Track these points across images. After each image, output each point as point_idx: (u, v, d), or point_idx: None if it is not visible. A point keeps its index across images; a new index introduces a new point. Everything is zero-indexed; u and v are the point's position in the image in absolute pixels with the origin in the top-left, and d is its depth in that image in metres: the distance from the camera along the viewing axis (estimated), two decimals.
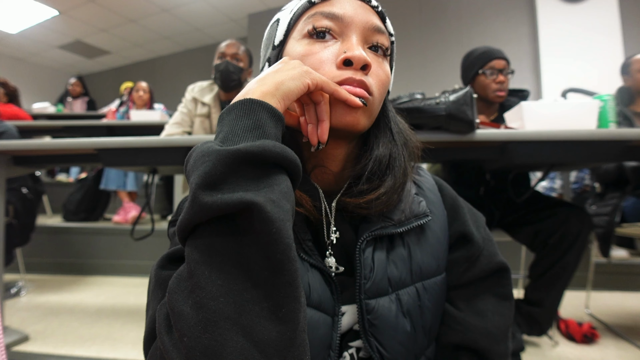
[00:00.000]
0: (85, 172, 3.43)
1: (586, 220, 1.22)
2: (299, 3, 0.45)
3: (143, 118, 2.60)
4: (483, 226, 0.49)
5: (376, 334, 0.40)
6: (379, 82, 0.42)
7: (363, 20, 0.42)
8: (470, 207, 0.51)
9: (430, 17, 4.06)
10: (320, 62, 0.40)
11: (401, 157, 0.44)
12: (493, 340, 0.43)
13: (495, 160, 1.17)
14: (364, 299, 0.40)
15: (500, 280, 0.46)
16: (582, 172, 2.38)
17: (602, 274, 2.00)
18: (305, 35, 0.43)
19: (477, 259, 0.46)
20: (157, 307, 0.31)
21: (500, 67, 1.38)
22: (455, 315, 0.44)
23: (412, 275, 0.43)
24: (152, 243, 2.28)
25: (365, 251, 0.41)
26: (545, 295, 1.24)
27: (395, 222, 0.43)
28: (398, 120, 0.48)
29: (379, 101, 0.43)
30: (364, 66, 0.40)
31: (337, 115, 0.40)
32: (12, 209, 1.71)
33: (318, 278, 0.41)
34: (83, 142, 1.18)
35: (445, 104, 0.98)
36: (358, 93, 0.39)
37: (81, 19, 4.79)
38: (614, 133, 1.01)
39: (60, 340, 1.42)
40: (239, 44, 1.55)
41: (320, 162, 0.45)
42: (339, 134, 0.42)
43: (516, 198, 1.31)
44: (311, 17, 0.42)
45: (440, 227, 0.47)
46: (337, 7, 0.42)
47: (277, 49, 0.46)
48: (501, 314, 0.45)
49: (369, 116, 0.41)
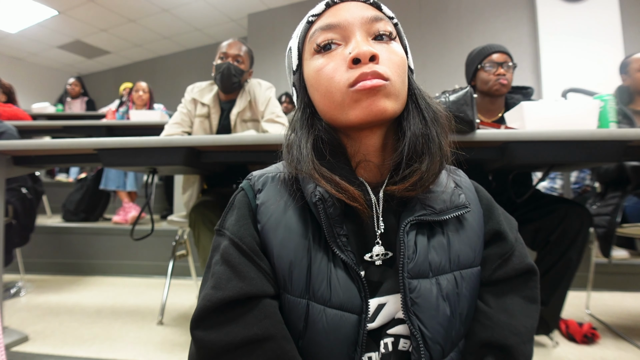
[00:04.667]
0: (84, 172, 3.42)
1: (586, 217, 1.22)
2: (301, 26, 0.49)
3: (143, 118, 2.60)
4: (515, 229, 0.51)
5: (418, 312, 0.41)
6: (393, 65, 0.43)
7: (359, 17, 0.44)
8: (504, 211, 0.52)
9: (431, 17, 4.07)
10: (333, 72, 0.43)
11: (433, 133, 0.45)
12: (521, 340, 0.43)
13: (495, 161, 1.17)
14: (407, 278, 0.41)
15: (529, 283, 0.47)
16: (583, 172, 2.38)
17: (603, 274, 2.00)
18: (313, 53, 0.46)
19: (509, 258, 0.47)
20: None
21: (499, 61, 1.37)
22: (485, 310, 0.45)
23: (451, 263, 0.44)
24: (152, 243, 2.28)
25: (408, 234, 0.43)
26: (551, 293, 1.24)
27: (437, 211, 0.44)
28: (425, 96, 0.49)
29: (401, 82, 0.44)
30: (372, 57, 0.41)
31: (362, 107, 0.42)
32: (12, 209, 1.70)
33: (343, 276, 0.42)
34: (83, 142, 1.17)
35: (445, 104, 0.98)
36: (375, 84, 0.41)
37: (81, 19, 4.79)
38: (614, 133, 1.00)
39: (60, 341, 1.41)
40: (241, 44, 1.54)
41: (362, 157, 0.47)
42: (372, 124, 0.44)
43: (516, 198, 1.31)
44: (313, 35, 0.46)
45: (478, 222, 0.48)
46: (332, 17, 0.45)
47: (297, 73, 0.50)
48: (528, 316, 0.45)
49: (395, 99, 0.43)
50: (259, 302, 0.41)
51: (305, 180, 0.45)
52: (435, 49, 4.00)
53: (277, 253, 0.43)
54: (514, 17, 3.75)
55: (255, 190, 0.48)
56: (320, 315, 0.41)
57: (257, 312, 0.41)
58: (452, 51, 3.85)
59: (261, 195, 0.47)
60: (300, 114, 0.49)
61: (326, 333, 0.40)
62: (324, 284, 0.41)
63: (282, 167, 0.50)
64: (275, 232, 0.44)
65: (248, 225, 0.45)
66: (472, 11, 3.92)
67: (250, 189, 0.49)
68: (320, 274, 0.42)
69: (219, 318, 0.40)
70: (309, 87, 0.48)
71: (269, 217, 0.45)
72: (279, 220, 0.45)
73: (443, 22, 4.02)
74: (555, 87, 3.43)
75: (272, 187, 0.48)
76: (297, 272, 0.42)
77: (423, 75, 3.98)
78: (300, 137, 0.47)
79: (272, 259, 0.44)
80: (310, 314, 0.41)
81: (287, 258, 0.43)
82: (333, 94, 0.43)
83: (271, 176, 0.50)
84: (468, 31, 3.90)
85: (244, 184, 0.50)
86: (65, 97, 4.12)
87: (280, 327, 0.41)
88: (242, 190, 0.49)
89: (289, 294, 0.42)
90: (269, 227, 0.44)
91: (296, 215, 0.45)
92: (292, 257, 0.42)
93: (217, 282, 0.42)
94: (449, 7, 4.00)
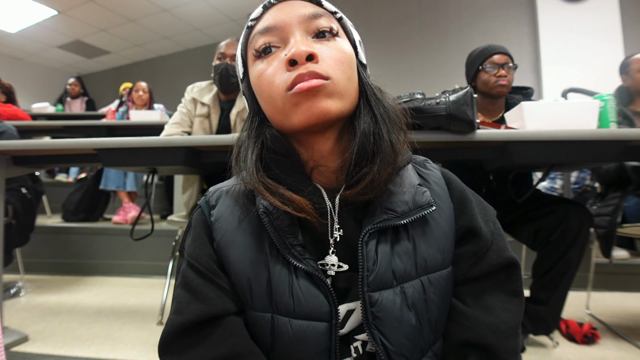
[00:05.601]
0: (84, 172, 3.42)
1: (586, 216, 1.22)
2: (243, 33, 0.47)
3: (143, 118, 2.60)
4: (493, 220, 0.48)
5: (380, 326, 0.39)
6: (335, 62, 0.41)
7: (296, 16, 0.42)
8: (480, 201, 0.50)
9: (431, 17, 4.06)
10: (272, 76, 0.41)
11: (383, 131, 0.43)
12: (502, 337, 0.42)
13: (495, 160, 1.16)
14: (367, 292, 0.40)
15: (510, 276, 0.45)
16: (583, 172, 2.38)
17: (603, 274, 2.00)
18: (254, 59, 0.44)
19: (485, 254, 0.45)
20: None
21: (500, 62, 1.37)
22: (463, 310, 0.43)
23: (417, 268, 0.42)
24: (152, 243, 2.28)
25: (368, 244, 0.41)
26: (551, 293, 1.24)
27: (398, 214, 0.42)
28: (376, 91, 0.46)
29: (345, 79, 0.41)
30: (310, 57, 0.39)
31: (303, 110, 0.40)
32: (12, 209, 1.70)
33: (307, 285, 0.41)
34: (82, 142, 1.17)
35: (445, 104, 0.98)
36: (313, 85, 0.38)
37: (81, 19, 4.79)
38: (614, 133, 1.00)
39: (60, 341, 1.41)
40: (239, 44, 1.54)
41: (315, 162, 0.45)
42: (319, 128, 0.42)
43: (516, 198, 1.31)
44: (252, 40, 0.45)
45: (446, 221, 0.46)
46: (268, 19, 0.43)
47: (244, 80, 0.49)
48: (510, 310, 0.43)
49: (339, 98, 0.41)
50: (222, 320, 0.41)
51: (255, 192, 0.44)
52: (435, 49, 3.99)
53: (234, 270, 0.43)
54: (514, 17, 3.75)
55: (210, 206, 0.47)
56: (286, 328, 0.40)
57: (221, 331, 0.40)
58: (452, 51, 3.85)
59: (215, 211, 0.46)
60: (249, 123, 0.48)
61: (295, 344, 0.40)
62: (285, 296, 0.40)
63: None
64: (231, 249, 0.43)
65: (204, 245, 0.44)
66: (472, 11, 3.92)
67: (206, 205, 0.48)
68: (281, 286, 0.41)
69: (185, 342, 0.40)
70: (255, 93, 0.46)
71: (223, 234, 0.44)
72: (233, 236, 0.44)
73: (443, 22, 4.01)
74: (555, 87, 3.43)
75: (225, 201, 0.47)
76: (256, 288, 0.41)
77: (423, 75, 3.98)
78: (247, 147, 0.45)
79: (230, 276, 0.43)
80: (275, 327, 0.40)
81: (245, 275, 0.42)
82: (274, 99, 0.41)
83: (225, 190, 0.49)
84: (468, 31, 3.90)
85: (201, 201, 0.49)
86: (65, 97, 4.12)
87: (247, 342, 0.41)
88: (199, 207, 0.48)
89: (252, 310, 0.42)
90: (223, 244, 0.44)
91: (250, 229, 0.44)
92: (250, 274, 0.42)
93: (178, 306, 0.42)
94: (449, 7, 4.00)
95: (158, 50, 6.10)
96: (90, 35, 5.33)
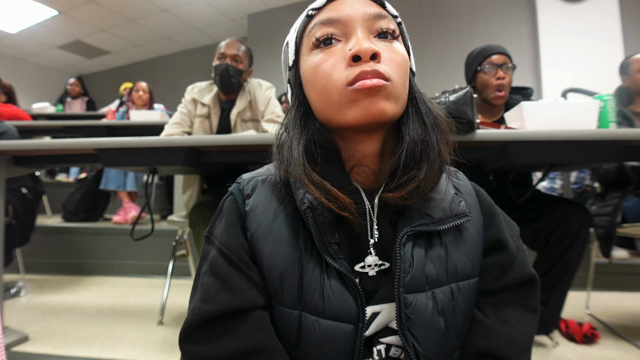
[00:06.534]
0: (85, 172, 3.42)
1: (586, 216, 1.22)
2: (300, 20, 0.46)
3: (143, 118, 2.60)
4: (517, 236, 0.49)
5: (412, 328, 0.40)
6: (395, 65, 0.41)
7: (361, 13, 0.42)
8: (506, 216, 0.51)
9: (430, 17, 4.06)
10: (332, 69, 0.41)
11: (433, 139, 0.43)
12: (517, 350, 0.42)
13: (495, 161, 1.17)
14: (403, 293, 0.40)
15: (529, 292, 0.46)
16: (583, 172, 2.38)
17: (603, 274, 2.00)
18: (312, 48, 0.43)
19: (509, 267, 0.45)
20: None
21: (499, 62, 1.37)
22: (482, 321, 0.44)
23: (448, 275, 0.43)
24: (152, 243, 2.28)
25: (405, 246, 0.41)
26: (551, 293, 1.24)
27: (435, 220, 0.43)
28: (426, 100, 0.47)
29: (402, 84, 0.42)
30: (374, 55, 0.39)
31: (360, 108, 0.39)
32: (12, 209, 1.71)
33: (337, 286, 0.41)
34: (83, 142, 1.17)
35: (445, 104, 0.98)
36: (375, 84, 0.38)
37: (81, 19, 4.79)
38: (614, 133, 1.00)
39: (60, 341, 1.41)
40: (239, 44, 1.54)
41: (358, 161, 0.45)
42: (370, 127, 0.42)
43: (516, 198, 1.31)
44: (312, 29, 0.44)
45: (477, 231, 0.46)
46: (333, 11, 0.43)
47: (293, 69, 0.47)
48: (527, 325, 0.44)
49: (395, 102, 0.41)
50: (250, 314, 0.40)
51: (296, 185, 0.43)
52: (435, 49, 3.99)
53: (267, 263, 0.42)
54: (514, 17, 3.75)
55: (244, 194, 0.46)
56: (314, 327, 0.40)
57: (247, 325, 0.40)
58: (452, 51, 3.85)
59: (250, 201, 0.45)
60: (294, 113, 0.47)
61: (320, 344, 0.39)
62: (316, 295, 0.40)
63: (274, 168, 0.47)
64: (265, 241, 0.42)
65: (237, 234, 0.44)
66: (472, 11, 3.92)
67: (240, 193, 0.47)
68: (312, 285, 0.40)
69: (209, 332, 0.40)
70: (305, 84, 0.45)
71: (258, 225, 0.43)
72: (268, 228, 0.43)
73: (443, 22, 4.02)
74: (555, 87, 3.43)
75: (262, 191, 0.46)
76: (288, 284, 0.41)
77: (423, 75, 3.98)
78: (292, 137, 0.44)
79: (262, 269, 0.42)
80: (302, 325, 0.40)
81: (278, 269, 0.41)
82: (330, 92, 0.41)
83: (261, 179, 0.47)
84: (468, 31, 3.90)
85: (233, 188, 0.48)
86: (65, 97, 4.12)
87: (272, 339, 0.40)
88: (231, 194, 0.47)
89: (280, 305, 0.41)
90: (258, 236, 0.43)
91: (287, 223, 0.43)
92: (283, 268, 0.41)
93: (206, 294, 0.41)
94: (449, 7, 4.00)
95: (158, 50, 6.10)
96: (91, 35, 5.33)
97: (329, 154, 0.44)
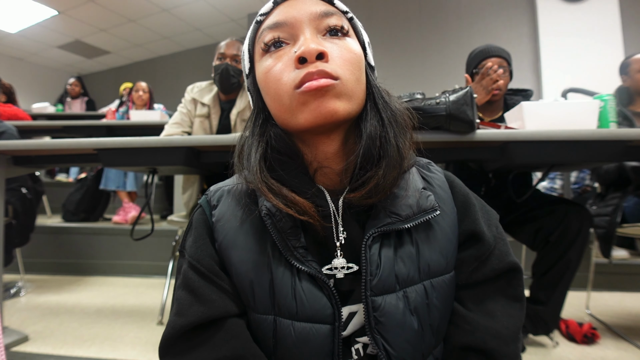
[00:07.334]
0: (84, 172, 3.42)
1: (586, 217, 1.22)
2: (251, 28, 0.47)
3: (143, 118, 2.61)
4: (495, 224, 0.48)
5: (382, 331, 0.39)
6: (345, 62, 0.41)
7: (307, 13, 0.42)
8: (483, 205, 0.49)
9: (430, 17, 4.06)
10: (280, 73, 0.41)
11: (390, 134, 0.43)
12: (502, 342, 0.41)
13: (495, 160, 1.17)
14: (370, 296, 0.40)
15: (511, 281, 0.45)
16: (583, 172, 2.38)
17: (603, 274, 2.00)
18: (262, 54, 0.43)
19: (487, 259, 0.45)
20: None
21: None
22: (464, 314, 0.43)
23: (420, 272, 0.42)
24: (152, 243, 2.28)
25: (371, 248, 0.41)
26: (551, 293, 1.24)
27: (402, 218, 0.42)
28: (384, 94, 0.46)
29: (354, 81, 0.41)
30: (320, 55, 0.39)
31: (310, 110, 0.39)
32: (12, 209, 1.70)
33: (309, 288, 0.40)
34: (83, 142, 1.17)
35: (445, 104, 0.98)
36: (322, 84, 0.38)
37: (81, 19, 4.79)
38: (614, 133, 1.00)
39: (60, 341, 1.41)
40: (239, 44, 1.54)
41: (318, 164, 0.44)
42: (325, 128, 0.41)
43: (516, 198, 1.31)
44: (261, 34, 0.44)
45: (450, 225, 0.46)
46: (279, 15, 0.43)
47: (250, 76, 0.48)
48: (511, 315, 0.43)
49: (347, 100, 0.40)
50: (224, 323, 0.41)
51: (258, 193, 0.43)
52: (435, 49, 3.99)
53: (236, 272, 0.42)
54: (514, 17, 3.76)
55: (211, 206, 0.47)
56: (289, 330, 0.39)
57: (223, 334, 0.40)
58: (452, 51, 3.85)
59: (216, 212, 0.46)
60: (254, 120, 0.47)
61: (297, 347, 0.39)
62: (288, 298, 0.40)
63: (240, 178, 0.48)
64: (232, 251, 0.43)
65: (205, 246, 0.44)
66: (472, 11, 3.92)
67: (207, 205, 0.47)
68: (284, 289, 0.40)
69: (186, 344, 0.40)
70: (261, 90, 0.45)
71: (224, 235, 0.44)
72: (234, 237, 0.43)
73: (443, 22, 4.02)
74: (555, 87, 3.43)
75: (227, 201, 0.46)
76: (259, 290, 0.41)
77: (423, 75, 3.98)
78: (251, 145, 0.45)
79: (232, 278, 0.43)
80: (278, 329, 0.40)
81: (247, 277, 0.41)
82: (281, 97, 0.41)
83: (227, 189, 0.48)
84: (468, 31, 3.90)
85: (202, 200, 0.48)
86: (65, 97, 4.12)
87: (249, 345, 0.40)
88: (200, 207, 0.48)
89: (254, 312, 0.42)
90: (225, 246, 0.43)
91: (252, 230, 0.43)
92: (252, 276, 0.41)
93: (180, 308, 0.41)
94: (449, 7, 4.00)
95: (158, 50, 6.10)
96: (90, 35, 5.33)
97: (289, 159, 0.44)
